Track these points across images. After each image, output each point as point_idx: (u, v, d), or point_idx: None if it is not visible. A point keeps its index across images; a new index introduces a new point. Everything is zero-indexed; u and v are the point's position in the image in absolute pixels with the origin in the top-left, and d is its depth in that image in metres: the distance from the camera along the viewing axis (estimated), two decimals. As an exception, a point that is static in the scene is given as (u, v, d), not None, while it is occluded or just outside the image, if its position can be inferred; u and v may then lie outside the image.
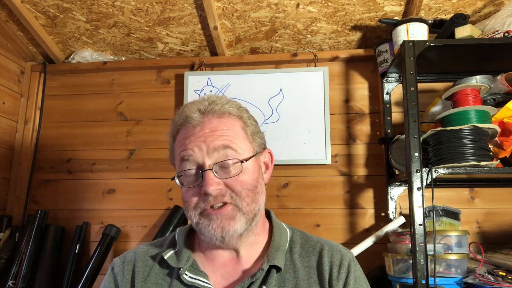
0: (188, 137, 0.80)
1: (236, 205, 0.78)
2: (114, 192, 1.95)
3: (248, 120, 0.86)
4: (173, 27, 1.84)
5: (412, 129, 1.33)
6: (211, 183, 0.76)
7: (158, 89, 2.03)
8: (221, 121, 0.82)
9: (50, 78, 2.10)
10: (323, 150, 1.81)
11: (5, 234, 1.81)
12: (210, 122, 0.81)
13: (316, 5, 1.67)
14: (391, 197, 1.71)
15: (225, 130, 0.81)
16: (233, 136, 0.81)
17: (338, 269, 0.83)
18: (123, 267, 0.86)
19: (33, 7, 1.78)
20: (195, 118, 0.81)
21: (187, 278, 0.80)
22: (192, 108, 0.83)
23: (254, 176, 0.82)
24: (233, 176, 0.78)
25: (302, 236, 0.91)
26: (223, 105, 0.84)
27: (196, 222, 0.80)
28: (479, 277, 1.27)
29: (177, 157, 0.83)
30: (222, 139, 0.79)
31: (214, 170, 0.78)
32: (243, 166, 0.79)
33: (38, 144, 2.03)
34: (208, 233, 0.78)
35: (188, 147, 0.80)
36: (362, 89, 1.90)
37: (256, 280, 0.79)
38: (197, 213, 0.79)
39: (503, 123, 1.41)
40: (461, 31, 1.45)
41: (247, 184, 0.79)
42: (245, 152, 0.81)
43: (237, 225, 0.78)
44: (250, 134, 0.85)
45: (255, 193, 0.81)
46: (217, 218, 0.77)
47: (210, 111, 0.82)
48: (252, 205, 0.80)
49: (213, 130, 0.80)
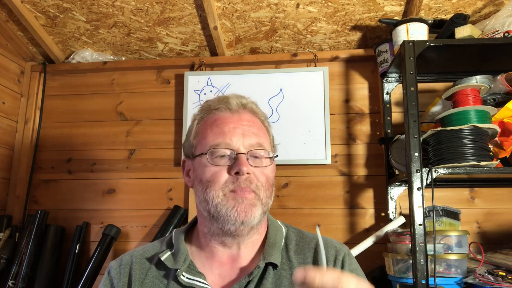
0: (227, 123, 0.83)
1: (258, 194, 0.81)
2: (114, 192, 1.95)
3: (269, 128, 0.93)
4: (173, 27, 1.84)
5: (412, 129, 1.33)
6: (245, 163, 0.79)
7: (158, 89, 2.03)
8: (255, 119, 0.88)
9: (50, 78, 2.10)
10: (323, 150, 1.81)
11: (5, 234, 1.81)
12: (246, 115, 0.86)
13: (316, 5, 1.67)
14: (391, 197, 1.71)
15: (258, 128, 0.86)
16: (264, 136, 0.87)
17: (333, 264, 0.84)
18: (119, 270, 0.86)
19: (33, 7, 1.78)
20: (235, 105, 0.86)
21: (184, 279, 0.80)
22: (233, 98, 0.87)
23: (273, 174, 0.87)
24: (262, 166, 0.83)
25: (297, 233, 0.92)
26: (257, 107, 0.90)
27: (217, 203, 0.79)
28: (479, 277, 1.27)
29: (207, 137, 0.84)
30: (257, 137, 0.84)
31: (247, 157, 0.81)
32: (270, 161, 0.85)
33: (38, 144, 2.03)
34: (229, 216, 0.78)
35: (225, 131, 0.82)
36: (362, 89, 1.90)
37: (253, 278, 0.79)
38: (221, 193, 0.79)
39: (503, 123, 1.41)
40: (461, 31, 1.45)
41: (269, 179, 0.84)
42: (271, 153, 0.87)
43: (257, 213, 0.80)
44: (272, 140, 0.92)
45: (272, 190, 0.85)
46: (242, 202, 0.78)
47: (249, 107, 0.88)
48: (268, 199, 0.83)
49: (250, 123, 0.85)
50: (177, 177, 1.90)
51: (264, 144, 0.84)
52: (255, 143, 0.83)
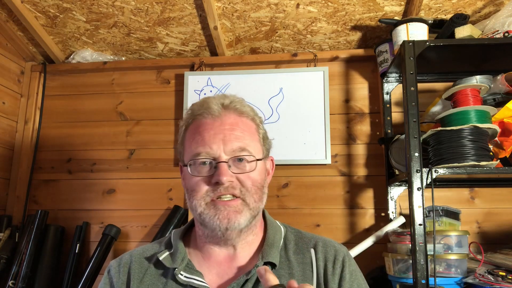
0: (207, 130, 0.82)
1: (244, 199, 0.80)
2: (114, 192, 1.95)
3: (261, 124, 0.91)
4: (173, 27, 1.84)
5: (412, 129, 1.33)
6: (225, 173, 0.78)
7: (158, 89, 2.03)
8: (240, 119, 0.85)
9: (50, 78, 2.10)
10: (323, 150, 1.81)
11: (5, 234, 1.81)
12: (229, 118, 0.84)
13: (316, 5, 1.67)
14: (391, 197, 1.71)
15: (242, 130, 0.84)
16: (250, 137, 0.85)
17: (332, 265, 0.84)
18: (119, 269, 0.87)
19: (33, 7, 1.78)
20: (216, 110, 0.83)
21: (182, 278, 0.81)
22: (214, 101, 0.85)
23: (262, 176, 0.85)
24: (246, 172, 0.81)
25: (296, 233, 0.92)
26: (243, 105, 0.87)
27: (201, 212, 0.80)
28: (479, 277, 1.27)
29: (190, 145, 0.83)
30: (239, 141, 0.82)
31: (228, 164, 0.80)
32: (255, 164, 0.83)
33: (38, 144, 2.03)
34: (212, 224, 0.79)
35: (205, 139, 0.81)
36: (362, 89, 1.90)
37: (251, 277, 0.80)
38: (203, 203, 0.80)
39: (503, 123, 1.41)
40: (461, 31, 1.45)
41: (256, 182, 0.82)
42: (257, 154, 0.85)
43: (242, 219, 0.79)
44: (262, 137, 0.89)
45: (262, 192, 0.84)
46: (224, 209, 0.79)
47: (232, 107, 0.85)
48: (258, 203, 0.83)
49: (232, 127, 0.83)
50: (177, 177, 1.90)
51: (248, 147, 0.82)
52: (237, 147, 0.81)
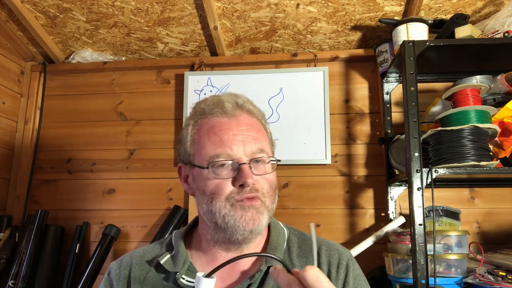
0: (225, 130, 0.80)
1: (263, 201, 0.79)
2: (114, 192, 1.95)
3: (267, 124, 0.89)
4: (173, 27, 1.84)
5: (412, 129, 1.33)
6: (250, 175, 0.77)
7: (158, 89, 2.03)
8: (253, 120, 0.84)
9: (50, 78, 2.10)
10: (323, 150, 1.81)
11: (5, 234, 1.81)
12: (244, 118, 0.83)
13: (316, 5, 1.67)
14: (391, 197, 1.71)
15: (257, 130, 0.83)
16: (264, 138, 0.84)
17: (336, 269, 0.83)
18: (119, 271, 0.86)
19: (33, 7, 1.78)
20: (231, 109, 0.81)
21: (184, 282, 0.80)
22: (227, 99, 0.83)
23: (275, 178, 0.84)
24: (267, 173, 0.81)
25: (299, 236, 0.91)
26: (254, 106, 0.86)
27: (225, 214, 0.77)
28: (479, 277, 1.27)
29: (205, 146, 0.80)
30: (257, 142, 0.81)
31: (250, 166, 0.79)
32: (271, 165, 0.82)
33: (38, 144, 2.03)
34: (237, 226, 0.77)
35: (224, 140, 0.79)
36: (362, 89, 1.90)
37: (254, 281, 0.79)
38: (228, 205, 0.77)
39: (503, 123, 1.41)
40: (461, 31, 1.45)
41: (272, 184, 0.82)
42: (272, 158, 0.84)
43: (264, 220, 0.79)
44: (270, 139, 0.88)
45: (275, 194, 0.83)
46: (249, 210, 0.77)
47: (245, 107, 0.84)
48: (273, 204, 0.82)
49: (248, 127, 0.81)
50: (177, 177, 1.87)
51: (265, 148, 0.82)
52: (256, 149, 0.80)
